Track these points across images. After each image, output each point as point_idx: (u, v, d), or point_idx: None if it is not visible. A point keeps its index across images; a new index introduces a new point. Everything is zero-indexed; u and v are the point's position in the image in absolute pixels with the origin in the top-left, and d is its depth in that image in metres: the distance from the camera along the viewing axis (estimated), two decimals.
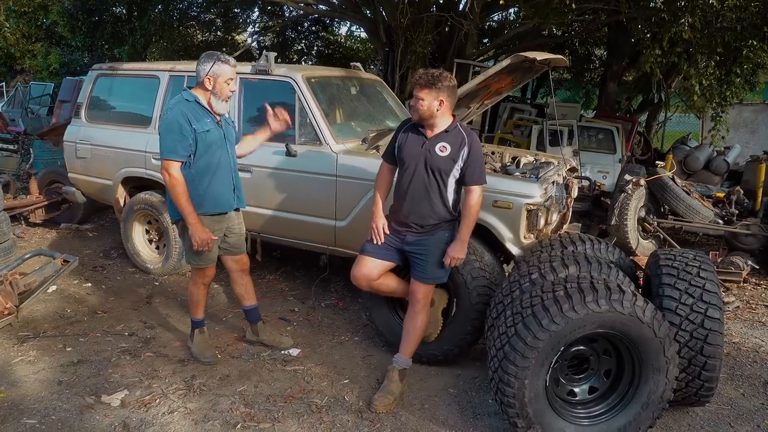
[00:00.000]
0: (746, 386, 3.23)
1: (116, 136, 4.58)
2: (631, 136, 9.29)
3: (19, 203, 5.69)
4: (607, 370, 2.61)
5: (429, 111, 2.74)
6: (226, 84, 2.91)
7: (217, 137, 2.97)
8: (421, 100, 2.72)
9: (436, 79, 2.69)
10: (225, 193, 3.06)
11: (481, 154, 2.83)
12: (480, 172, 2.80)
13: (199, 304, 3.27)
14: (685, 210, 5.38)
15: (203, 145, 2.91)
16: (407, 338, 2.94)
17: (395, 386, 2.90)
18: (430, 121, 2.78)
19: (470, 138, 2.80)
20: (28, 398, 2.85)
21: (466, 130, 2.83)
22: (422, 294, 2.90)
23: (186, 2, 12.02)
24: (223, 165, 3.01)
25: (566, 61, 4.00)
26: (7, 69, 18.68)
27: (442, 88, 2.70)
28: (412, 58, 8.34)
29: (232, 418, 2.74)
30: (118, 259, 4.97)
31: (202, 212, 2.96)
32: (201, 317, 3.31)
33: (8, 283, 3.45)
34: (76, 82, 8.85)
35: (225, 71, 2.89)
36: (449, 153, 2.77)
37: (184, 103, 2.90)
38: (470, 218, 2.81)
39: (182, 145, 2.85)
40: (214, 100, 2.93)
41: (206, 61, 2.90)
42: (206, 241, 2.93)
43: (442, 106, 2.73)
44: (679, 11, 5.91)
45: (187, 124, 2.85)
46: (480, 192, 2.81)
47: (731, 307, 4.38)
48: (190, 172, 2.93)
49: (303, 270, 4.74)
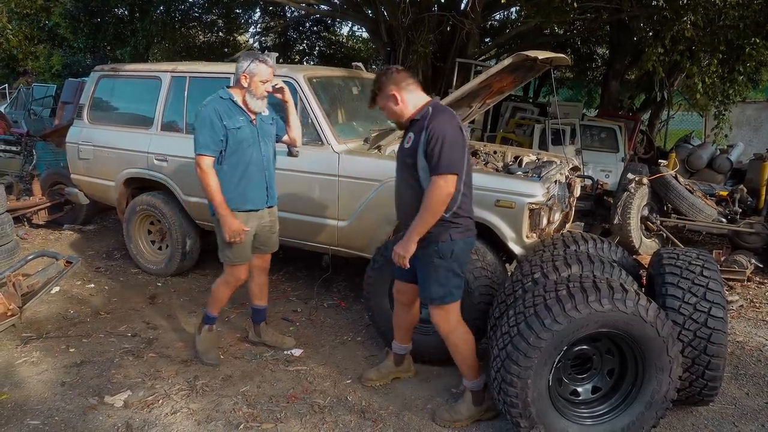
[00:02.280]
0: (750, 385, 3.21)
1: (119, 137, 4.59)
2: (633, 134, 9.27)
3: (22, 205, 5.71)
4: (610, 370, 2.60)
5: (393, 113, 2.56)
6: (262, 84, 2.94)
7: (249, 135, 2.99)
8: (382, 109, 2.60)
9: (374, 83, 2.57)
10: (256, 190, 3.08)
11: (444, 137, 2.36)
12: (438, 157, 2.35)
13: (220, 302, 3.28)
14: (688, 208, 5.36)
15: (234, 142, 2.95)
16: (457, 364, 2.74)
17: (464, 407, 2.73)
18: (402, 120, 2.57)
19: (431, 119, 2.42)
20: (31, 399, 2.86)
21: (434, 112, 2.46)
22: (436, 318, 2.64)
23: (188, 3, 12.04)
24: (255, 162, 3.03)
25: (568, 60, 3.99)
26: (10, 71, 18.74)
27: (384, 84, 2.51)
28: (414, 57, 8.33)
29: (235, 418, 2.75)
30: (120, 260, 4.98)
31: (234, 208, 2.99)
32: (216, 314, 3.31)
33: (12, 284, 3.46)
34: (79, 83, 8.86)
35: (261, 71, 2.92)
36: (412, 143, 2.48)
37: (218, 101, 2.95)
38: (421, 212, 2.41)
39: (213, 140, 2.91)
40: (249, 98, 2.96)
41: (244, 59, 2.95)
42: (237, 232, 2.96)
43: (398, 98, 2.50)
44: (682, 9, 5.89)
45: (218, 121, 2.89)
46: (438, 183, 2.36)
47: (735, 306, 4.37)
48: (222, 168, 2.98)
49: (305, 270, 4.74)
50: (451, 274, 2.56)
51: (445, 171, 2.37)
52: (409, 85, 2.54)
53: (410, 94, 2.54)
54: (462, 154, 2.45)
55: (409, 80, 2.55)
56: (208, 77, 4.28)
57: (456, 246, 2.53)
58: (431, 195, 2.39)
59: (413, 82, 2.57)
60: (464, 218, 2.55)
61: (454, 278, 2.58)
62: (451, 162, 2.38)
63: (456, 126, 2.46)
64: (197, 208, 4.28)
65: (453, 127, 2.43)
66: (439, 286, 2.57)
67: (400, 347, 3.05)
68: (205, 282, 4.55)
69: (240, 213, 3.02)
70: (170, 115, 4.37)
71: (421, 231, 2.45)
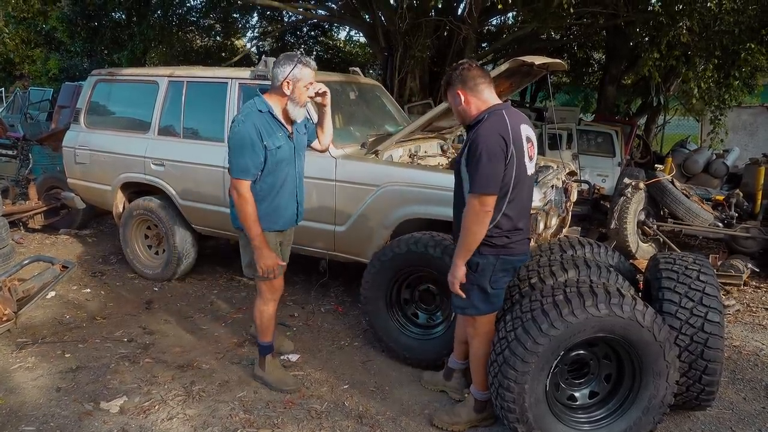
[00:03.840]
0: (747, 390, 3.22)
1: (115, 142, 4.57)
2: (630, 139, 9.30)
3: (18, 209, 5.68)
4: (607, 375, 2.60)
5: (458, 113, 2.43)
6: (306, 89, 2.68)
7: (288, 153, 2.76)
8: (450, 106, 2.48)
9: (445, 76, 2.42)
10: (287, 210, 2.88)
11: (482, 152, 2.21)
12: (474, 175, 2.24)
13: (269, 326, 2.97)
14: (684, 213, 5.38)
15: (272, 162, 2.70)
16: (471, 369, 2.71)
17: (464, 411, 2.72)
18: (467, 122, 2.41)
19: (478, 130, 2.28)
20: (26, 405, 2.84)
21: (487, 117, 2.30)
22: (464, 321, 2.64)
23: (185, 7, 12.04)
24: (289, 181, 2.82)
25: (564, 65, 4.00)
26: (7, 74, 18.72)
27: (452, 80, 2.37)
28: (411, 62, 8.36)
29: (232, 424, 2.73)
30: (117, 265, 4.96)
31: (263, 229, 2.75)
32: (270, 341, 3.02)
33: (7, 289, 3.45)
34: (75, 87, 8.84)
35: (306, 75, 2.65)
36: (460, 151, 2.39)
37: (257, 115, 2.65)
38: (462, 233, 2.34)
39: (254, 163, 2.63)
40: (291, 107, 2.69)
41: (286, 63, 2.65)
42: (272, 268, 2.74)
43: (465, 95, 2.35)
44: (677, 15, 5.93)
45: (259, 140, 2.61)
46: (472, 203, 2.26)
47: (732, 311, 4.38)
48: (255, 188, 2.71)
49: (302, 275, 4.74)
50: (475, 288, 2.45)
51: (478, 191, 2.24)
52: (478, 85, 2.34)
53: (477, 95, 2.35)
54: (501, 171, 2.25)
55: (479, 79, 2.34)
56: (205, 82, 4.28)
57: (484, 261, 2.41)
58: (467, 217, 2.29)
59: (484, 81, 2.36)
60: (499, 237, 2.39)
61: (478, 293, 2.46)
62: (488, 181, 2.22)
63: (497, 139, 2.24)
64: (194, 212, 4.27)
65: (496, 139, 2.23)
66: (468, 295, 2.48)
67: (454, 361, 2.94)
68: (201, 287, 4.53)
69: (269, 233, 2.80)
70: (167, 119, 4.36)
71: (464, 254, 2.35)
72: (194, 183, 4.17)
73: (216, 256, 5.09)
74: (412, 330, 3.37)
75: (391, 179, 3.49)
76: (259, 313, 2.96)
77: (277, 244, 2.92)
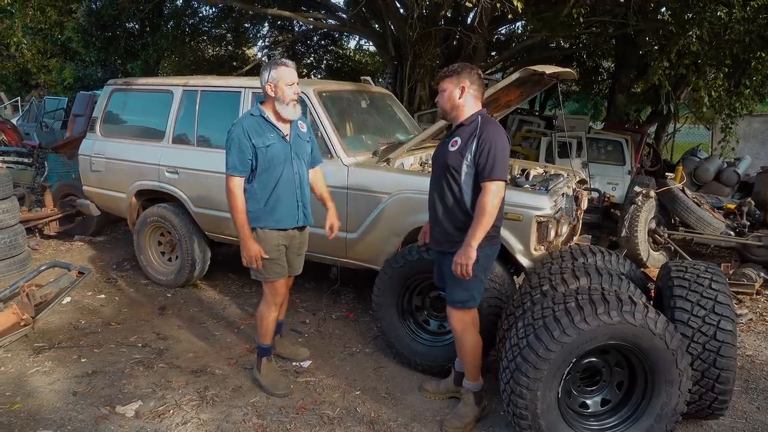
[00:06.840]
0: (761, 399, 3.20)
1: (130, 150, 4.65)
2: (640, 147, 9.26)
3: (34, 216, 5.77)
4: (619, 382, 2.60)
5: (450, 101, 2.58)
6: (288, 87, 2.84)
7: (280, 152, 2.88)
8: (442, 92, 2.59)
9: (458, 67, 2.58)
10: (287, 209, 2.95)
11: (497, 146, 2.48)
12: (491, 165, 2.47)
13: (269, 329, 3.10)
14: (695, 221, 5.36)
15: (264, 160, 2.85)
16: (463, 365, 2.85)
17: (469, 409, 2.81)
18: (452, 114, 2.61)
19: (483, 127, 2.53)
20: (44, 409, 2.88)
21: (484, 121, 2.56)
22: (454, 319, 2.73)
23: (197, 18, 12.21)
24: (287, 180, 2.91)
25: (574, 74, 4.02)
26: (23, 84, 19.01)
27: (463, 75, 2.55)
28: (421, 71, 8.41)
29: (245, 429, 2.76)
30: (131, 271, 5.03)
31: (262, 226, 2.91)
32: (269, 344, 3.15)
33: (25, 294, 3.51)
34: (90, 96, 9.00)
35: (283, 74, 2.83)
36: (458, 147, 2.56)
37: (248, 119, 2.88)
38: (478, 218, 2.48)
39: (241, 160, 2.83)
40: (279, 107, 2.85)
41: (264, 70, 2.88)
42: (253, 258, 2.88)
43: (464, 93, 2.55)
44: (687, 24, 5.94)
45: (246, 140, 2.81)
46: (492, 189, 2.47)
47: (744, 320, 4.35)
48: (251, 187, 2.89)
49: (314, 282, 4.77)
50: (476, 280, 2.62)
51: (497, 177, 2.48)
52: (476, 91, 2.59)
53: (471, 99, 2.59)
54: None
55: (480, 89, 2.61)
56: (219, 91, 4.34)
57: (482, 253, 2.56)
58: (487, 201, 2.47)
59: (480, 93, 2.62)
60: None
61: (478, 284, 2.67)
62: (504, 169, 2.51)
63: (505, 137, 2.58)
64: (207, 219, 4.32)
65: (503, 138, 2.56)
66: (464, 290, 2.66)
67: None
68: (214, 293, 4.58)
69: (268, 231, 2.92)
70: (182, 128, 4.43)
71: (479, 237, 2.49)
72: (207, 190, 4.23)
73: (228, 263, 5.14)
74: (424, 337, 3.39)
75: (402, 187, 3.52)
76: (261, 316, 3.10)
77: (278, 244, 2.98)
